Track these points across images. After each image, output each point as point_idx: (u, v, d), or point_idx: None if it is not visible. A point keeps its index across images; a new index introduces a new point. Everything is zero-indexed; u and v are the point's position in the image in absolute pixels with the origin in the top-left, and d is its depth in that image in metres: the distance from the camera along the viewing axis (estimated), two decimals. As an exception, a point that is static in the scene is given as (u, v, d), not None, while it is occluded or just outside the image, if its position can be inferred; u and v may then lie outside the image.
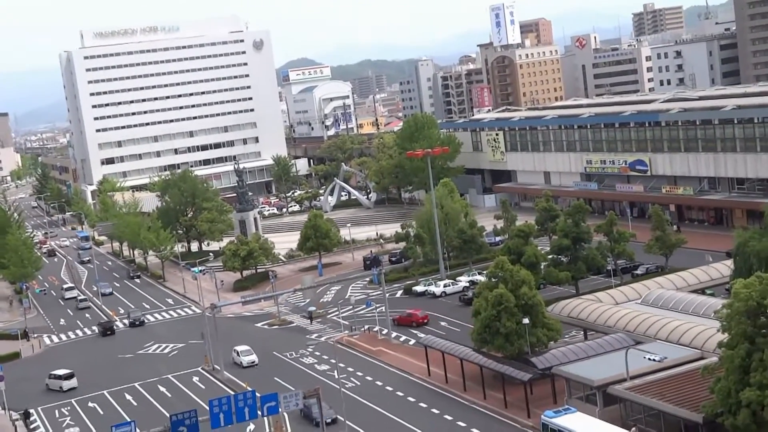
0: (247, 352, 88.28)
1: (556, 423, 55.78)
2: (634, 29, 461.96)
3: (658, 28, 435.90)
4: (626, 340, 66.10)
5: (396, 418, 68.50)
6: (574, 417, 56.15)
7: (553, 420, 56.26)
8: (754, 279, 49.18)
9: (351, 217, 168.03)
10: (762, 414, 46.41)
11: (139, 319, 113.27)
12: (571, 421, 55.42)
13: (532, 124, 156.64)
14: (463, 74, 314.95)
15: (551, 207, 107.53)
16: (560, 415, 56.48)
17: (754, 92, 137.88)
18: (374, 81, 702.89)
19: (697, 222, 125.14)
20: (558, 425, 55.58)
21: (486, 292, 71.89)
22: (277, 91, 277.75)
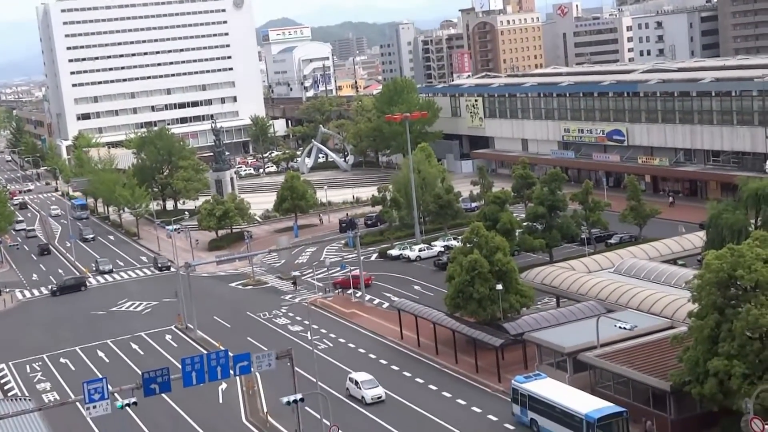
0: (371, 383, 65.45)
1: (526, 388, 56.61)
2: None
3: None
4: (598, 308, 66.67)
5: (368, 380, 68.80)
6: (544, 382, 57.08)
7: (522, 385, 57.05)
8: (725, 251, 49.59)
9: (328, 179, 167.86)
10: (728, 383, 47.01)
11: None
12: (541, 387, 56.24)
13: (511, 91, 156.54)
14: (444, 39, 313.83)
15: (528, 174, 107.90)
16: (530, 381, 57.32)
17: (732, 65, 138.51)
18: (355, 43, 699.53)
19: (672, 193, 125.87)
20: (527, 390, 56.35)
21: (460, 258, 72.23)
22: (257, 51, 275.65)
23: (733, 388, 46.78)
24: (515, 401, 57.65)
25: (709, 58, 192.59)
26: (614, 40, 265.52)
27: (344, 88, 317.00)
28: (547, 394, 54.99)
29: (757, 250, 48.60)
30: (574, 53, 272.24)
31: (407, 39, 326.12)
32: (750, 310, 46.45)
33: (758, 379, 46.43)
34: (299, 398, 52.86)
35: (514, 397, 57.85)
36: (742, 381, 46.40)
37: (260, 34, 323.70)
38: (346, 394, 65.82)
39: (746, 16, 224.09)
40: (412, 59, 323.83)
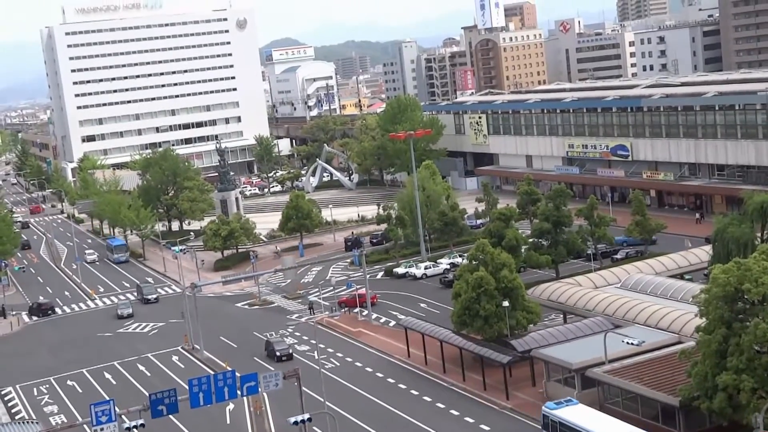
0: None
1: (558, 415, 53.46)
2: (618, 14, 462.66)
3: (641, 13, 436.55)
4: (605, 324, 66.54)
5: (375, 399, 68.77)
6: (577, 409, 53.88)
7: (554, 412, 53.90)
8: (732, 264, 49.53)
9: (333, 198, 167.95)
10: (738, 397, 46.86)
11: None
12: (574, 414, 53.20)
13: (514, 108, 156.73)
14: (447, 56, 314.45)
15: (533, 190, 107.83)
16: (562, 407, 54.13)
17: (735, 79, 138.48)
18: (358, 62, 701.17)
19: (677, 207, 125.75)
20: (560, 417, 53.27)
21: (466, 275, 72.13)
22: (260, 71, 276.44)
23: (743, 402, 46.64)
24: (546, 428, 54.58)
25: (712, 72, 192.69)
26: (617, 56, 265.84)
27: (348, 107, 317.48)
28: (581, 423, 51.89)
29: (763, 264, 48.54)
30: (577, 69, 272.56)
31: (410, 57, 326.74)
32: (758, 324, 46.37)
33: (767, 393, 46.24)
34: (307, 418, 52.71)
35: (544, 423, 54.70)
36: (751, 395, 46.26)
37: (264, 54, 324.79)
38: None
39: (748, 30, 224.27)
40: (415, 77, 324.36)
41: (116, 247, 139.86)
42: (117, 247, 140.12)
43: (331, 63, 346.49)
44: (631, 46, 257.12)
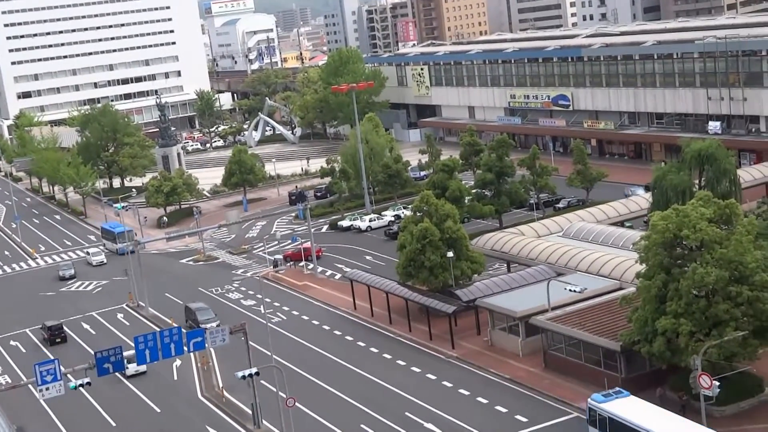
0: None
1: (607, 410, 47.00)
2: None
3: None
4: (548, 272, 67.47)
5: (322, 351, 69.16)
6: (629, 402, 47.45)
7: (602, 405, 47.37)
8: (670, 211, 50.39)
9: (276, 152, 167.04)
10: (676, 341, 47.95)
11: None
12: (626, 408, 46.73)
13: (456, 59, 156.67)
14: (388, 8, 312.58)
15: (475, 141, 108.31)
16: (611, 400, 47.64)
17: (674, 28, 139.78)
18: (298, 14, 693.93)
19: (617, 156, 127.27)
20: (610, 413, 46.69)
21: (411, 226, 72.49)
22: (199, 24, 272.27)
23: (681, 345, 47.72)
24: (593, 424, 47.95)
25: (650, 21, 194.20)
26: (557, 6, 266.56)
27: (289, 60, 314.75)
28: (636, 420, 45.37)
29: (701, 210, 49.47)
30: (518, 19, 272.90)
31: (351, 9, 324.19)
32: (696, 269, 47.32)
33: (705, 336, 47.43)
34: (254, 372, 52.87)
35: (591, 419, 48.26)
36: (690, 338, 47.35)
37: (202, 7, 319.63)
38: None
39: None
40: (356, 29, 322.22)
41: (119, 235, 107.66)
42: (120, 234, 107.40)
43: (271, 15, 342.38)
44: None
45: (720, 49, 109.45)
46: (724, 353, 46.97)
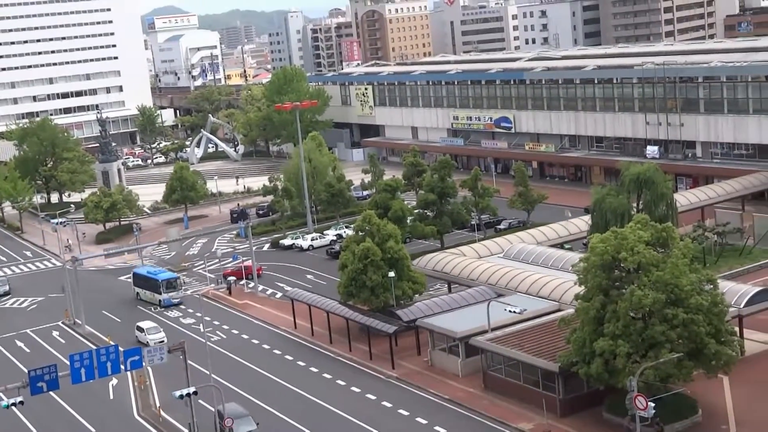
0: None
1: None
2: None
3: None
4: (488, 293, 67.85)
5: (262, 371, 68.64)
6: None
7: None
8: (609, 234, 51.05)
9: (218, 169, 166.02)
10: (614, 362, 48.44)
11: None
12: None
13: (400, 80, 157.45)
14: (333, 27, 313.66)
15: (418, 162, 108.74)
16: None
17: (614, 53, 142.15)
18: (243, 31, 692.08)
19: (557, 178, 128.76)
20: None
21: (353, 246, 72.47)
22: (142, 39, 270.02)
23: (618, 367, 48.21)
24: None
25: (591, 46, 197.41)
26: (500, 29, 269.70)
27: (233, 77, 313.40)
28: None
29: (639, 233, 50.19)
30: (462, 41, 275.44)
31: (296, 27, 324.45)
32: (633, 291, 47.93)
33: (641, 358, 48.00)
34: (192, 391, 52.26)
35: None
36: (627, 360, 47.88)
37: (145, 22, 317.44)
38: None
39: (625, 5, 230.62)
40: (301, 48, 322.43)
41: (166, 283, 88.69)
42: (167, 282, 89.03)
43: (215, 32, 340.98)
44: (514, 20, 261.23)
45: (658, 75, 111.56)
46: (660, 375, 47.57)
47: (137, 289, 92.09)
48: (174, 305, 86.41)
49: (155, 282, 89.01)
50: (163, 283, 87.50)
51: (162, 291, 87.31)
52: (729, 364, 49.39)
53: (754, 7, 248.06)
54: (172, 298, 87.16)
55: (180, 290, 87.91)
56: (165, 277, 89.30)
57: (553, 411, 53.90)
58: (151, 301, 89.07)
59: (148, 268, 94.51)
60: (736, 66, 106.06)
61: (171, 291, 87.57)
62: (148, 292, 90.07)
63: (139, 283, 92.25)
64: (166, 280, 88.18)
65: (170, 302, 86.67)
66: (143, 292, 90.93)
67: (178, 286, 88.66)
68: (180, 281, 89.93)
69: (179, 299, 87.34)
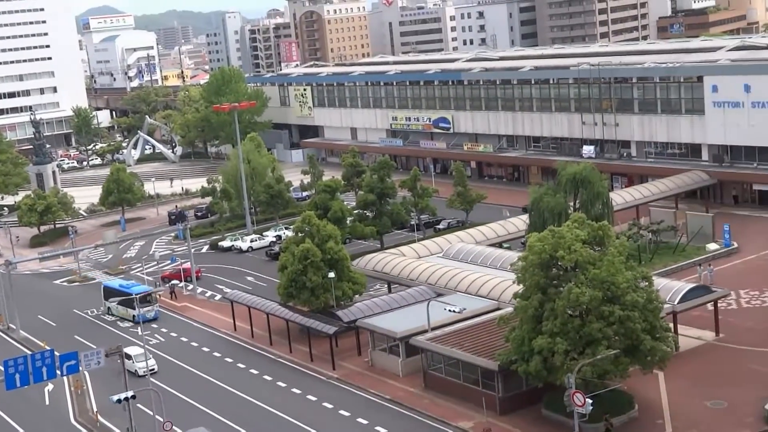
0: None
1: None
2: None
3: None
4: (428, 293, 68.16)
5: (202, 373, 68.11)
6: None
7: None
8: (547, 233, 51.59)
9: (155, 171, 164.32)
10: (552, 360, 48.99)
11: None
12: None
13: (339, 80, 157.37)
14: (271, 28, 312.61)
15: (357, 162, 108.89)
16: None
17: (550, 54, 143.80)
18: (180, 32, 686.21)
19: (496, 178, 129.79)
20: None
21: (292, 247, 72.30)
22: (77, 40, 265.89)
23: (557, 364, 48.75)
24: None
25: (528, 47, 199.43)
26: (438, 30, 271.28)
27: (170, 78, 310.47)
28: None
29: (576, 232, 50.80)
30: (400, 42, 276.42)
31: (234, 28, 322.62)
32: (571, 289, 48.51)
33: (579, 355, 48.61)
34: (130, 395, 51.64)
35: None
36: (565, 357, 48.44)
37: (80, 22, 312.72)
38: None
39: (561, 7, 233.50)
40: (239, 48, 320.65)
41: (140, 298, 79.60)
42: (141, 296, 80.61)
43: (152, 32, 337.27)
44: (452, 21, 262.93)
45: (593, 76, 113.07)
46: (597, 371, 48.21)
47: (108, 304, 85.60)
48: (149, 321, 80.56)
49: (128, 296, 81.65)
50: (136, 298, 78.74)
51: (136, 306, 78.57)
52: (664, 360, 50.25)
53: (686, 9, 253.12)
54: (147, 314, 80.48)
55: (155, 305, 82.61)
56: (139, 291, 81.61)
57: (493, 409, 54.34)
58: (124, 317, 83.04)
59: (120, 282, 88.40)
60: (669, 67, 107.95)
61: (145, 306, 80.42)
62: (120, 307, 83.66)
63: (110, 298, 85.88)
64: (140, 294, 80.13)
65: (145, 318, 79.01)
66: (115, 306, 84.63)
67: (153, 300, 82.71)
68: (155, 295, 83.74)
69: (154, 314, 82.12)
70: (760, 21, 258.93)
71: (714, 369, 57.77)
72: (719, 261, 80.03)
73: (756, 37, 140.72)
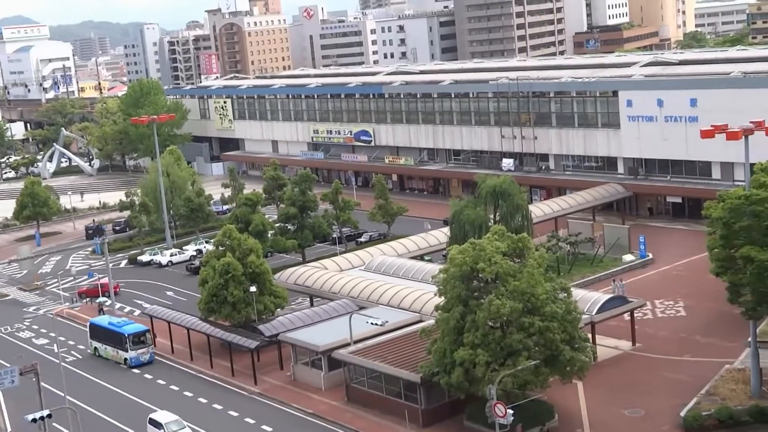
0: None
1: None
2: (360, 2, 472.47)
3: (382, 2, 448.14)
4: (350, 306, 68.14)
5: (120, 390, 66.91)
6: None
7: None
8: (467, 245, 52.01)
9: (72, 184, 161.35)
10: (473, 371, 49.35)
11: None
12: None
13: (260, 93, 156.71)
14: (191, 40, 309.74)
15: (279, 176, 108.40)
16: None
17: (469, 68, 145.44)
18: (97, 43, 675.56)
19: (417, 191, 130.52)
20: None
21: (213, 261, 71.65)
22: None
23: (478, 375, 49.14)
24: None
25: (448, 61, 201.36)
26: (359, 43, 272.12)
27: (87, 90, 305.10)
28: None
29: (496, 244, 51.35)
30: (321, 55, 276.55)
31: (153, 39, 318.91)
32: (491, 300, 48.97)
33: (500, 366, 49.06)
34: (46, 414, 50.45)
35: None
36: (486, 368, 48.85)
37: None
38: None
39: (480, 22, 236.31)
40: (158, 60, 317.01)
41: (132, 338, 72.07)
42: (134, 336, 72.33)
43: (68, 43, 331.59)
44: (373, 34, 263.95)
45: (512, 90, 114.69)
46: (518, 382, 48.75)
47: (95, 344, 75.46)
48: (143, 365, 71.40)
49: (119, 336, 72.44)
50: (129, 338, 71.32)
51: (128, 347, 71.35)
52: (583, 370, 51.06)
53: (601, 24, 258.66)
54: (141, 356, 71.60)
55: (150, 346, 72.45)
56: (132, 330, 72.20)
57: (416, 421, 54.50)
58: (114, 360, 72.80)
59: (110, 319, 76.60)
60: (585, 82, 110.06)
61: (139, 347, 71.64)
62: (109, 348, 73.60)
63: (97, 337, 75.56)
64: (132, 334, 71.73)
65: (139, 361, 71.11)
66: (103, 347, 74.46)
67: (147, 340, 72.61)
68: (149, 335, 73.25)
69: (150, 356, 72.27)
70: (672, 37, 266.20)
71: (631, 378, 58.90)
72: (635, 272, 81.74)
73: (668, 53, 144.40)
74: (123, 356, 71.57)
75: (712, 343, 62.96)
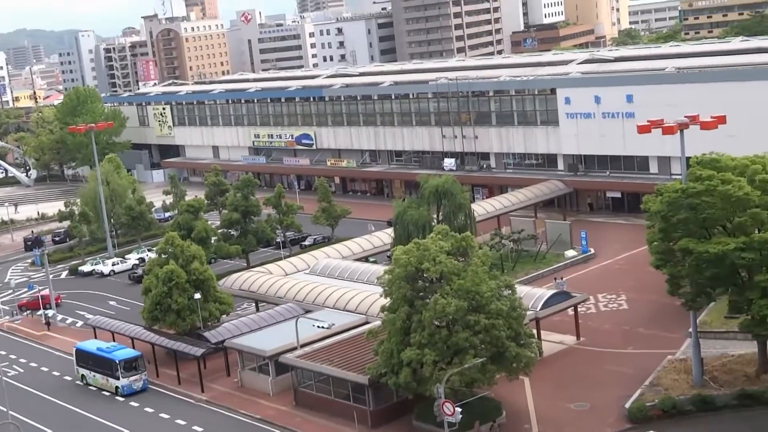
0: None
1: None
2: (298, 5, 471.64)
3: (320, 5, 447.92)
4: (296, 310, 67.99)
5: (65, 404, 65.93)
6: None
7: None
8: (412, 245, 52.22)
9: (8, 195, 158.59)
10: (421, 371, 49.55)
11: None
12: None
13: (199, 99, 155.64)
14: (128, 47, 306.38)
15: (220, 181, 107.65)
16: None
17: (409, 69, 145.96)
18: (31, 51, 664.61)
19: (360, 193, 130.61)
20: None
21: (156, 269, 71.01)
22: None
23: (426, 375, 49.34)
24: None
25: (388, 62, 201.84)
26: (298, 47, 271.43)
27: (22, 99, 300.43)
28: None
29: (440, 243, 51.63)
30: (260, 59, 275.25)
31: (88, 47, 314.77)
32: (437, 300, 49.20)
33: (447, 365, 49.31)
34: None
35: None
36: (433, 368, 49.07)
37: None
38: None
39: (418, 23, 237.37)
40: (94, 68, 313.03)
41: (124, 364, 66.21)
42: (126, 362, 66.35)
43: (1, 52, 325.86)
44: (311, 38, 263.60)
45: (452, 90, 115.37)
46: (465, 380, 49.02)
47: (82, 371, 69.37)
48: (136, 393, 65.77)
49: (109, 362, 66.55)
50: (120, 364, 65.65)
51: (119, 375, 65.71)
52: (529, 366, 51.48)
53: (538, 23, 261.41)
54: (134, 384, 65.75)
55: (143, 372, 66.43)
56: (123, 356, 66.29)
57: (365, 423, 54.54)
58: (105, 388, 66.86)
59: (98, 344, 69.70)
60: (524, 80, 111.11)
61: (132, 374, 65.85)
62: (98, 375, 67.64)
63: (85, 363, 69.31)
64: (124, 360, 65.96)
65: (132, 390, 65.48)
66: (91, 375, 68.43)
67: (140, 366, 66.48)
68: (142, 360, 66.90)
69: (143, 383, 66.28)
70: (607, 35, 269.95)
71: (576, 372, 59.61)
72: (577, 267, 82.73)
73: (604, 50, 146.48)
74: (114, 384, 65.96)
75: (655, 334, 63.97)
